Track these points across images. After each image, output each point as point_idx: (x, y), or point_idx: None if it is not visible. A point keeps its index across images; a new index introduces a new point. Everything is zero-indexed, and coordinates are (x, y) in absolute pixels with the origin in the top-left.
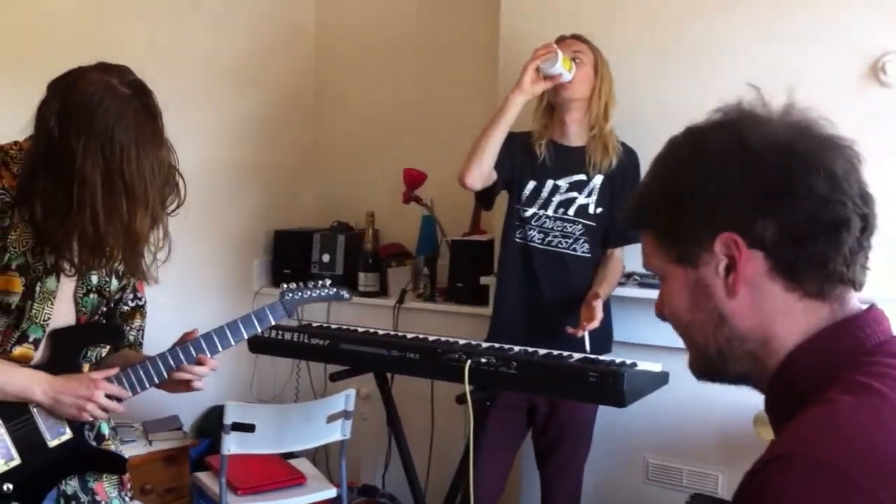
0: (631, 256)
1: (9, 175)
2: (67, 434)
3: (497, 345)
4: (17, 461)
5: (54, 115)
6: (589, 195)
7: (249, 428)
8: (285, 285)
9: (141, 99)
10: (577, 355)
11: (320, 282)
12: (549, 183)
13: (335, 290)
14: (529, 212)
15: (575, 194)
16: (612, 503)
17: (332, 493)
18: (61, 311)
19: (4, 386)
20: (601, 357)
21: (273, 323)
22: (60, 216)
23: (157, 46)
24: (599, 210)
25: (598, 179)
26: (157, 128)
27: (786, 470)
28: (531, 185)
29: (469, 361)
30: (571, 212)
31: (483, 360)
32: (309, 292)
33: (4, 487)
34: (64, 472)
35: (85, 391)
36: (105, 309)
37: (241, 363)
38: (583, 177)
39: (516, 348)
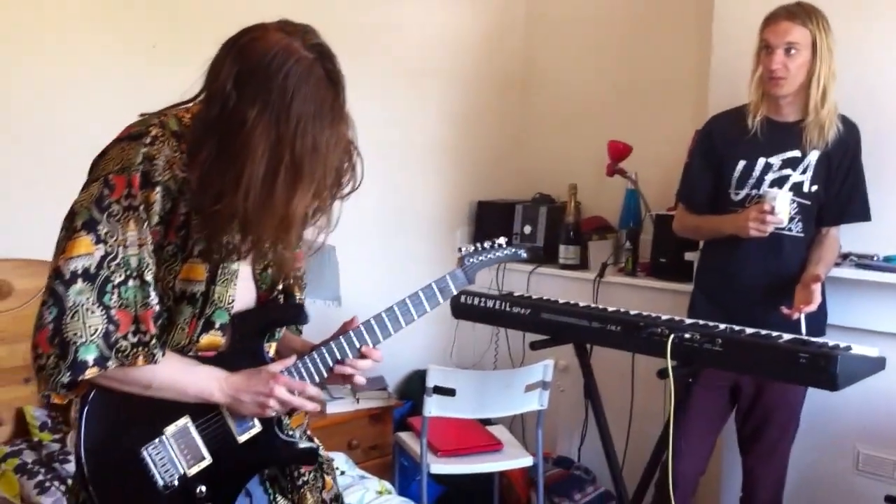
0: (847, 235)
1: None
2: (256, 427)
3: (701, 321)
4: (208, 461)
5: (231, 79)
6: (804, 172)
7: (450, 392)
8: (463, 249)
9: (324, 64)
10: (786, 335)
11: (496, 241)
12: (761, 161)
13: (512, 249)
14: (742, 194)
15: (789, 171)
16: (818, 493)
17: (528, 461)
18: (243, 291)
19: (184, 388)
20: (813, 338)
21: (455, 292)
22: (216, 190)
23: (373, 25)
24: (815, 188)
25: (813, 156)
26: (339, 99)
27: None
28: (741, 164)
29: (672, 336)
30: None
31: (687, 335)
32: (487, 255)
33: (198, 490)
34: (254, 467)
35: (264, 388)
36: (283, 285)
37: (442, 329)
38: (797, 153)
39: (721, 325)
